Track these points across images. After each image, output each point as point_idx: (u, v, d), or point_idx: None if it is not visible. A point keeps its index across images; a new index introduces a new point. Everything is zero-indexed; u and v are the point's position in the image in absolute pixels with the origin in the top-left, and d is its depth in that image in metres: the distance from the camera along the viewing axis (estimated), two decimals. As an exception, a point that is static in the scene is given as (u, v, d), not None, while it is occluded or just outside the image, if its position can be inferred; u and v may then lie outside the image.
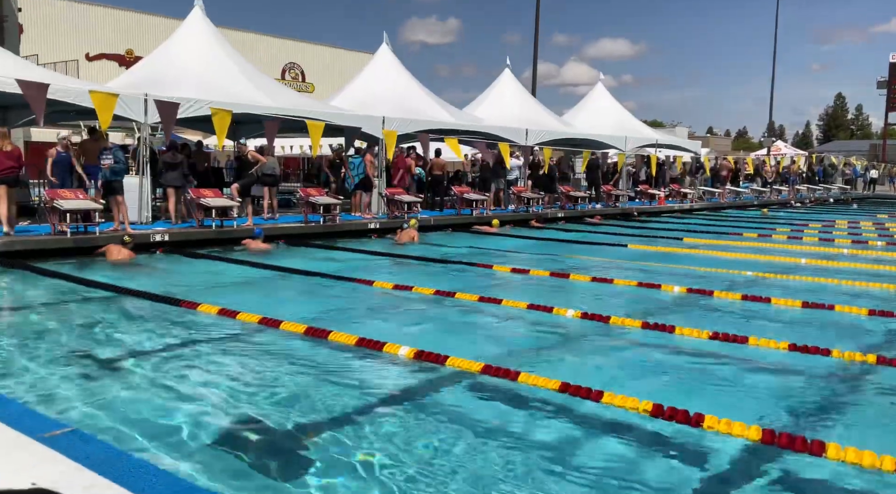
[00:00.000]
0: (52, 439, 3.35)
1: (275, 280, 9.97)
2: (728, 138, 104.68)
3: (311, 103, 18.10)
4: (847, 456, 3.73)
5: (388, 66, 20.57)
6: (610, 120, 27.52)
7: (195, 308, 7.47)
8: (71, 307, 7.75)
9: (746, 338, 6.41)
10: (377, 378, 5.40)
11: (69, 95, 12.31)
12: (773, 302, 8.36)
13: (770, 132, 46.78)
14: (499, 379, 5.20)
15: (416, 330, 7.18)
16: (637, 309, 8.04)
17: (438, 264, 11.62)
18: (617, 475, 3.74)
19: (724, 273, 10.70)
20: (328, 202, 14.90)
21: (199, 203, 13.13)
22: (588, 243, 14.89)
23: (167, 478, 3.18)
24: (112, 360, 5.67)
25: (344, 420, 4.44)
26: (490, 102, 23.91)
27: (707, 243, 14.89)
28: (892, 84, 60.03)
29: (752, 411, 4.67)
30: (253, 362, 5.75)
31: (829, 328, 7.31)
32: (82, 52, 36.23)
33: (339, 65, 47.26)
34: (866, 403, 5.05)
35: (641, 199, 25.23)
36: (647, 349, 6.41)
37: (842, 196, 35.25)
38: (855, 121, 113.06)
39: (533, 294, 8.81)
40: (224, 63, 15.92)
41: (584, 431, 4.36)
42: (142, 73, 15.67)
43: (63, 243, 11.18)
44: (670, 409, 4.42)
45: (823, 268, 11.57)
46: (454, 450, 4.00)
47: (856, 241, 15.43)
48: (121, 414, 4.38)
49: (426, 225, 16.14)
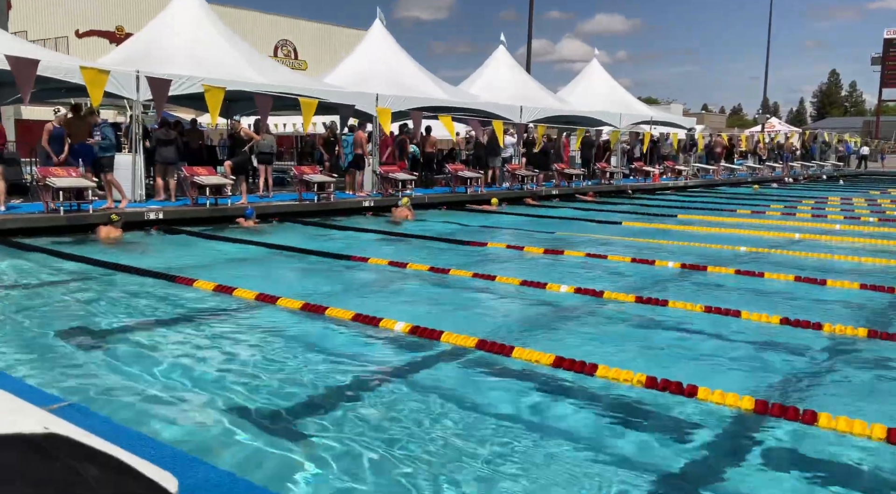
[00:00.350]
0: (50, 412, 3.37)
1: (270, 257, 9.97)
2: (723, 115, 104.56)
3: (304, 80, 17.98)
4: (839, 426, 3.79)
5: (382, 43, 20.42)
6: (605, 97, 27.43)
7: (191, 284, 7.48)
8: (64, 285, 7.75)
9: (739, 312, 6.47)
10: (373, 352, 5.43)
11: (59, 72, 12.21)
12: (766, 277, 8.42)
13: (764, 109, 46.77)
14: (493, 354, 5.24)
15: (412, 306, 7.20)
16: (631, 285, 8.08)
17: (433, 241, 11.63)
18: (612, 447, 3.78)
19: (717, 248, 10.75)
20: (322, 180, 14.86)
21: (193, 181, 13.08)
22: (583, 220, 14.91)
23: (166, 450, 3.21)
24: (107, 336, 5.69)
25: (340, 395, 4.47)
26: (485, 79, 23.80)
27: (701, 219, 14.93)
28: (885, 60, 59.92)
29: (745, 383, 4.72)
30: (249, 337, 5.77)
31: (822, 302, 7.37)
32: (72, 29, 35.85)
33: (332, 42, 46.91)
34: (857, 375, 5.10)
35: (636, 177, 25.23)
36: (640, 323, 6.46)
37: (835, 173, 35.32)
38: (849, 98, 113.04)
39: (527, 270, 8.84)
40: (216, 40, 15.78)
41: (578, 404, 4.40)
42: (133, 50, 15.52)
43: (56, 221, 11.14)
44: (664, 381, 4.47)
45: (816, 244, 11.63)
46: (449, 424, 4.04)
47: (848, 217, 15.49)
48: (119, 389, 4.40)
49: (420, 202, 16.12)
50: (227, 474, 3.00)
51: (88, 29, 37.00)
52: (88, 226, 11.25)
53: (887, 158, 42.54)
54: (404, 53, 20.67)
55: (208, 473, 2.95)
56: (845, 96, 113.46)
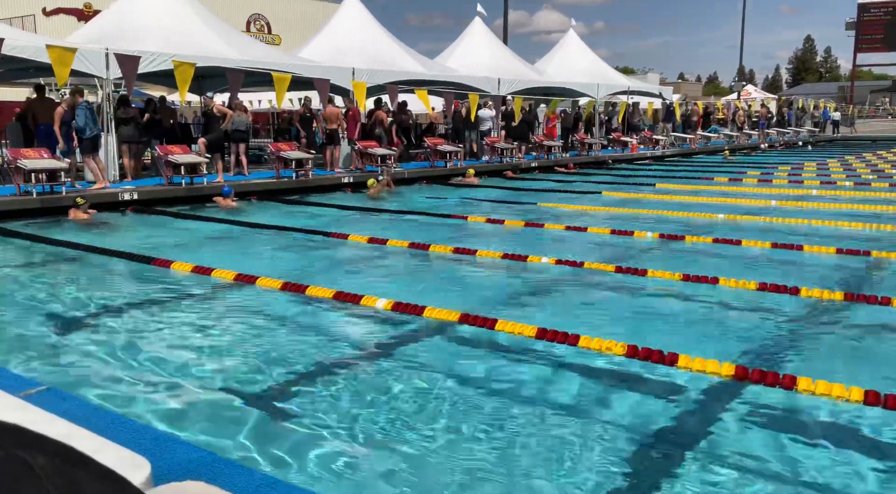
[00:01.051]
0: (27, 398, 3.32)
1: (249, 236, 9.88)
2: (699, 84, 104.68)
3: (277, 55, 17.72)
4: (818, 389, 3.83)
5: (357, 16, 20.14)
6: (582, 67, 27.32)
7: (168, 266, 7.39)
8: (39, 268, 7.64)
9: (717, 279, 6.51)
10: (356, 330, 5.42)
11: (26, 51, 11.92)
12: (743, 244, 8.48)
13: (740, 76, 46.87)
14: (476, 327, 5.24)
15: (393, 282, 7.19)
16: (611, 255, 8.11)
17: (412, 216, 11.58)
18: (595, 416, 3.81)
19: (696, 217, 10.81)
20: (300, 157, 14.71)
21: (167, 160, 12.89)
22: (563, 192, 14.92)
23: (147, 431, 3.18)
24: (85, 319, 5.62)
25: (322, 373, 4.46)
26: (462, 52, 23.60)
27: (679, 188, 15.00)
28: (860, 25, 60.14)
29: (725, 349, 4.76)
30: (229, 318, 5.73)
31: (799, 267, 7.45)
32: (38, 7, 34.95)
33: (306, 15, 46.12)
34: (835, 338, 5.17)
35: (614, 147, 25.24)
36: (620, 292, 6.49)
37: (810, 139, 35.56)
38: (824, 64, 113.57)
39: (508, 243, 8.84)
40: (188, 15, 15.46)
41: (561, 375, 4.42)
42: (101, 28, 15.18)
43: (29, 203, 10.95)
44: (644, 350, 4.49)
45: (793, 210, 11.74)
46: (434, 398, 4.05)
47: (824, 182, 15.63)
48: (98, 372, 4.36)
49: (399, 177, 16.03)
50: (208, 453, 2.98)
51: (56, 7, 36.10)
52: (62, 209, 11.06)
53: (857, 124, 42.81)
54: (380, 27, 20.40)
55: (189, 453, 2.93)
56: (820, 62, 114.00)
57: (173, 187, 12.83)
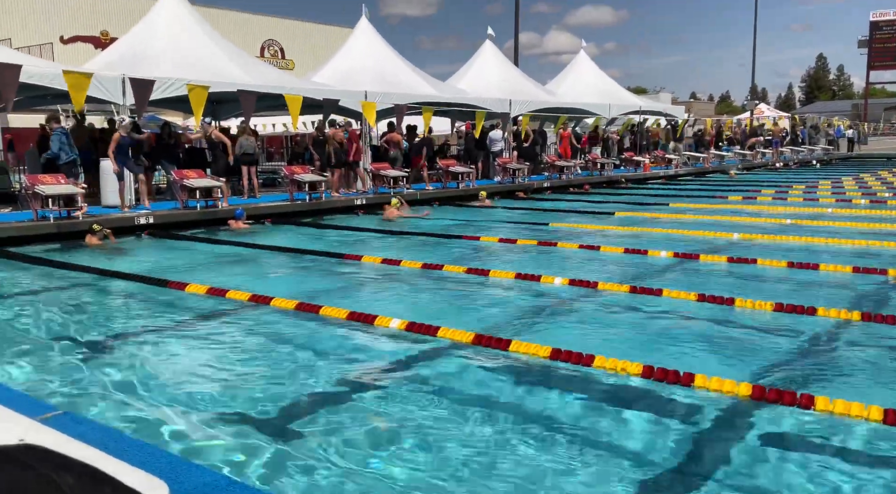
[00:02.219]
0: (44, 422, 3.33)
1: (263, 259, 9.93)
2: (711, 103, 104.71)
3: (290, 79, 17.90)
4: (836, 408, 3.78)
5: (369, 40, 20.33)
6: (593, 87, 27.42)
7: (183, 288, 7.44)
8: (56, 293, 7.70)
9: (733, 300, 6.46)
10: (370, 351, 5.41)
11: (44, 78, 12.11)
12: (759, 263, 8.42)
13: (752, 95, 46.81)
14: (490, 348, 5.22)
15: (407, 303, 7.18)
16: (625, 275, 8.08)
17: (426, 238, 11.61)
18: (611, 438, 3.77)
19: (710, 236, 10.76)
20: (313, 179, 14.81)
21: (182, 184, 13.01)
22: (576, 212, 14.91)
23: (163, 455, 3.18)
24: (102, 343, 5.65)
25: (337, 395, 4.45)
26: (473, 74, 23.74)
27: (693, 207, 14.95)
28: (872, 43, 60.06)
29: (741, 370, 4.71)
30: (244, 339, 5.75)
31: (815, 287, 7.38)
32: (56, 36, 35.57)
33: (319, 40, 46.69)
34: (852, 358, 5.10)
35: (626, 167, 25.23)
36: (634, 312, 6.45)
37: (825, 157, 35.38)
38: (837, 82, 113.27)
39: (521, 263, 8.82)
40: (202, 41, 15.68)
41: (576, 396, 4.39)
42: (118, 54, 15.40)
43: (46, 229, 11.06)
44: (660, 370, 4.46)
45: (808, 228, 11.66)
46: (447, 419, 4.03)
47: (840, 200, 15.52)
48: (113, 398, 4.37)
49: (412, 199, 16.09)
50: (224, 477, 2.98)
51: (73, 34, 36.74)
52: (79, 234, 11.16)
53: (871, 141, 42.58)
54: (391, 50, 20.58)
55: (204, 477, 2.92)
56: (833, 80, 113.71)
57: (188, 211, 12.93)
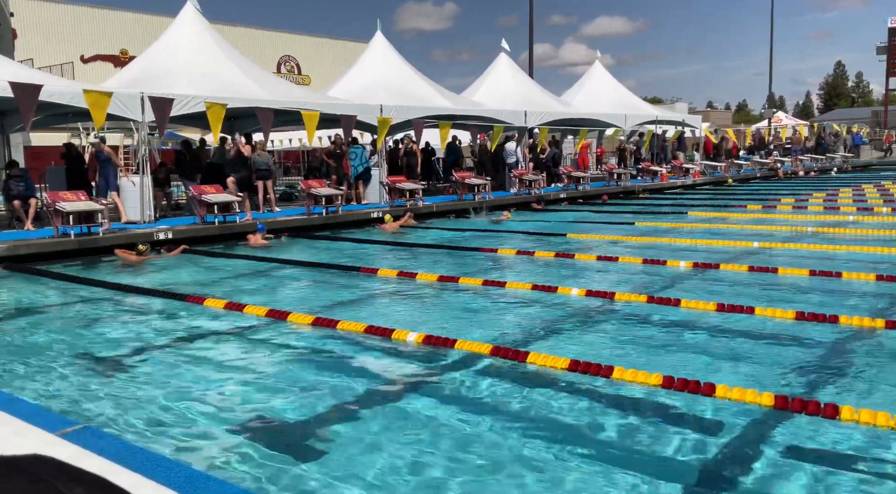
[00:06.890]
0: (64, 436, 3.35)
1: (281, 273, 9.96)
2: (728, 112, 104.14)
3: (307, 94, 18.04)
4: (861, 418, 3.72)
5: (384, 54, 20.47)
6: (609, 98, 27.40)
7: (202, 302, 7.48)
8: (78, 308, 7.76)
9: (753, 309, 6.39)
10: (387, 364, 5.40)
11: (64, 97, 12.28)
12: (779, 272, 8.33)
13: (770, 103, 46.45)
14: (508, 360, 5.20)
15: (424, 315, 7.17)
16: (643, 284, 8.02)
17: (442, 250, 11.60)
18: (632, 448, 3.73)
19: (730, 245, 10.67)
20: (330, 193, 14.88)
21: (200, 199, 13.12)
22: (594, 223, 14.85)
23: (181, 469, 3.18)
24: (122, 358, 5.68)
25: (356, 408, 4.43)
26: (488, 86, 23.81)
27: (712, 216, 14.85)
28: (891, 49, 59.48)
29: (763, 379, 4.65)
30: (262, 354, 5.76)
31: (837, 295, 7.28)
32: (77, 55, 36.17)
33: (335, 55, 47.16)
34: (876, 367, 5.02)
35: (643, 177, 25.13)
36: (654, 323, 6.40)
37: (844, 164, 35.05)
38: (856, 89, 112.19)
39: (538, 275, 8.79)
40: (219, 58, 15.85)
41: (596, 407, 4.35)
42: (137, 72, 15.61)
43: (67, 245, 11.19)
44: (681, 381, 4.41)
45: (829, 236, 11.53)
46: (468, 432, 4.00)
47: (861, 209, 15.35)
48: (132, 412, 4.39)
49: (428, 211, 16.13)
50: (242, 491, 2.97)
51: (93, 54, 37.35)
52: (99, 250, 11.29)
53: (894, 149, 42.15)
54: (406, 64, 20.70)
55: (223, 491, 2.92)
56: (852, 87, 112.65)
57: (207, 226, 13.03)
